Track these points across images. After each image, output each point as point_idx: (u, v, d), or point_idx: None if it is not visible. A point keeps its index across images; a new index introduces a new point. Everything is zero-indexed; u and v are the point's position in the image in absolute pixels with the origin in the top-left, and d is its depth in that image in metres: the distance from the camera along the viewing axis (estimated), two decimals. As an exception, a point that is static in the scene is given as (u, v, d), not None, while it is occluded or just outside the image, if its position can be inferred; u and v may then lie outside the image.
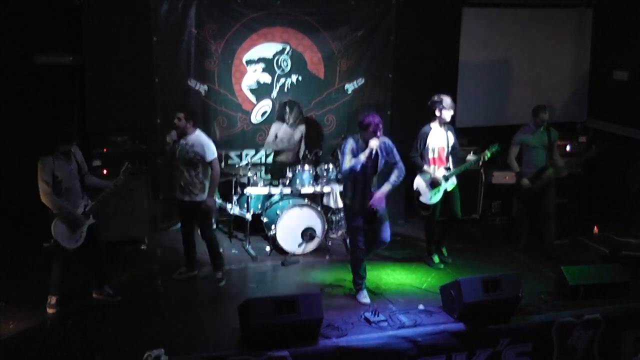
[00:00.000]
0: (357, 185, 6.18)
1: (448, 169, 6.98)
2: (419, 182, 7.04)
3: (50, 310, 5.93)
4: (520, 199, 7.66)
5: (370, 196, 6.18)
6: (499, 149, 7.05)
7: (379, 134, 6.02)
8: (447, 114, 6.85)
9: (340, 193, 7.52)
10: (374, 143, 5.99)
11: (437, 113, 6.86)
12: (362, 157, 6.01)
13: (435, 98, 6.87)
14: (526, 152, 7.51)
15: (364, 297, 6.30)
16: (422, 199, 7.04)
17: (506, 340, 5.85)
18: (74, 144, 5.92)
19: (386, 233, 6.36)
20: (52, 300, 5.95)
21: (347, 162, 6.03)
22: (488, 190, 8.70)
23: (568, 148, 8.70)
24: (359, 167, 6.03)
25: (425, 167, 6.93)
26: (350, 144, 6.13)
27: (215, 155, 6.46)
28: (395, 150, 6.30)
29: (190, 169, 6.39)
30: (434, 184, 6.96)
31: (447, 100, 6.83)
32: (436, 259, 7.23)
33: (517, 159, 7.59)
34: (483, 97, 8.97)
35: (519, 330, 5.90)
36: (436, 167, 6.96)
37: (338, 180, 7.66)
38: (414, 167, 6.98)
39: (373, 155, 6.09)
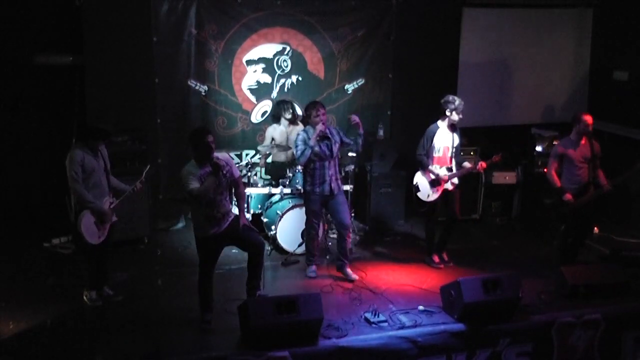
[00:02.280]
0: (315, 171, 6.58)
1: (450, 169, 6.99)
2: (419, 178, 7.05)
3: (90, 304, 6.01)
4: (562, 217, 6.98)
5: (330, 180, 6.60)
6: (498, 162, 7.04)
7: (320, 116, 6.48)
8: (456, 117, 6.86)
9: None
10: (319, 126, 6.47)
11: (448, 113, 6.87)
12: (311, 141, 6.47)
13: (449, 98, 6.86)
14: (567, 166, 6.83)
15: (311, 272, 6.79)
16: (420, 195, 7.04)
17: (506, 340, 5.84)
18: (103, 142, 5.98)
19: (346, 214, 6.76)
20: (92, 294, 6.03)
21: (299, 150, 6.52)
22: (488, 191, 8.70)
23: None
24: (310, 152, 6.48)
25: (431, 167, 6.93)
26: (301, 135, 6.59)
27: None
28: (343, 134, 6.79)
29: (227, 192, 5.75)
30: (434, 181, 6.96)
31: (458, 102, 6.83)
32: (436, 258, 7.23)
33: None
34: (483, 97, 8.97)
35: (519, 331, 5.89)
36: (438, 166, 6.97)
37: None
38: (419, 164, 6.99)
39: (320, 135, 6.49)
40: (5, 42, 7.45)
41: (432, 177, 6.94)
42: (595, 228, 8.29)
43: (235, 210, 7.21)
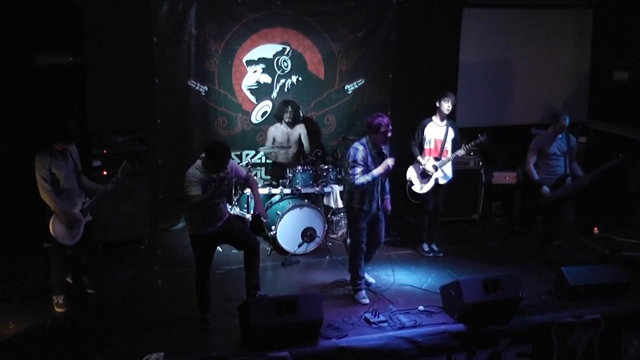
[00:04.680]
0: (367, 190, 6.12)
1: (437, 159, 7.26)
2: (411, 173, 7.38)
3: (59, 310, 5.93)
4: (542, 208, 7.28)
5: (381, 199, 6.22)
6: (484, 139, 7.21)
7: (389, 135, 5.98)
8: (444, 106, 7.20)
9: (340, 193, 7.55)
10: (390, 162, 5.94)
11: (437, 104, 7.23)
12: (376, 172, 5.97)
13: (441, 91, 7.26)
14: (545, 159, 7.17)
15: (363, 298, 6.29)
16: (414, 188, 7.36)
17: (506, 340, 5.84)
18: (71, 144, 5.90)
19: (383, 234, 6.49)
20: (60, 299, 5.96)
21: (360, 176, 5.94)
22: (488, 191, 8.70)
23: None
24: (371, 180, 5.98)
25: (419, 158, 7.30)
26: (360, 151, 6.00)
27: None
28: None
29: (225, 198, 5.91)
30: (424, 174, 7.27)
31: (448, 94, 7.23)
32: (425, 247, 7.49)
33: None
34: (483, 97, 8.97)
35: (519, 331, 5.89)
36: (430, 157, 7.30)
37: (338, 181, 7.68)
38: (410, 155, 7.39)
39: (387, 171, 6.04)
40: (5, 42, 7.45)
41: (420, 168, 7.28)
42: (595, 228, 8.31)
43: (233, 211, 7.26)
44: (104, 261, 7.04)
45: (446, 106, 7.19)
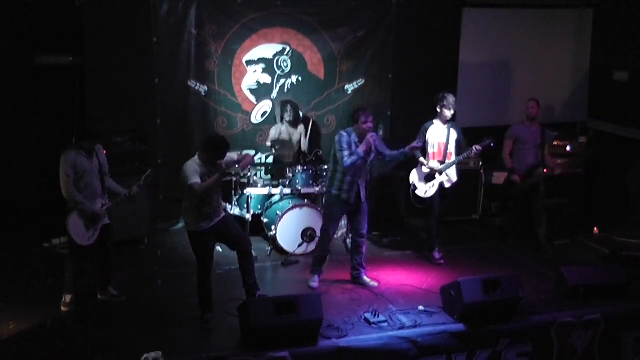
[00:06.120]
0: (346, 177, 6.36)
1: (442, 162, 7.15)
2: (414, 176, 7.29)
3: (64, 309, 5.93)
4: (512, 195, 7.73)
5: (359, 188, 6.41)
6: (491, 143, 7.10)
7: (369, 123, 6.34)
8: (447, 113, 7.07)
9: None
10: (369, 137, 6.26)
11: (438, 109, 7.10)
12: (360, 149, 6.25)
13: (440, 95, 7.11)
14: (518, 148, 7.61)
15: (314, 282, 6.53)
16: (418, 192, 7.25)
17: (506, 340, 5.84)
18: (99, 144, 5.99)
19: (365, 225, 6.59)
20: (67, 298, 5.96)
21: (348, 156, 6.24)
22: (488, 191, 8.70)
23: (568, 148, 8.71)
24: (358, 160, 6.24)
25: (421, 160, 7.20)
26: (345, 137, 6.35)
27: None
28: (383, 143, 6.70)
29: (221, 190, 5.93)
30: (428, 177, 7.17)
31: (449, 99, 7.06)
32: (437, 254, 7.33)
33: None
34: (483, 97, 8.97)
35: (519, 331, 5.89)
36: (435, 161, 7.18)
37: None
38: (413, 159, 7.24)
39: (372, 149, 6.35)
40: (5, 42, 7.45)
41: (426, 170, 7.16)
42: (595, 228, 8.31)
43: (233, 211, 7.26)
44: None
45: (444, 110, 7.04)
